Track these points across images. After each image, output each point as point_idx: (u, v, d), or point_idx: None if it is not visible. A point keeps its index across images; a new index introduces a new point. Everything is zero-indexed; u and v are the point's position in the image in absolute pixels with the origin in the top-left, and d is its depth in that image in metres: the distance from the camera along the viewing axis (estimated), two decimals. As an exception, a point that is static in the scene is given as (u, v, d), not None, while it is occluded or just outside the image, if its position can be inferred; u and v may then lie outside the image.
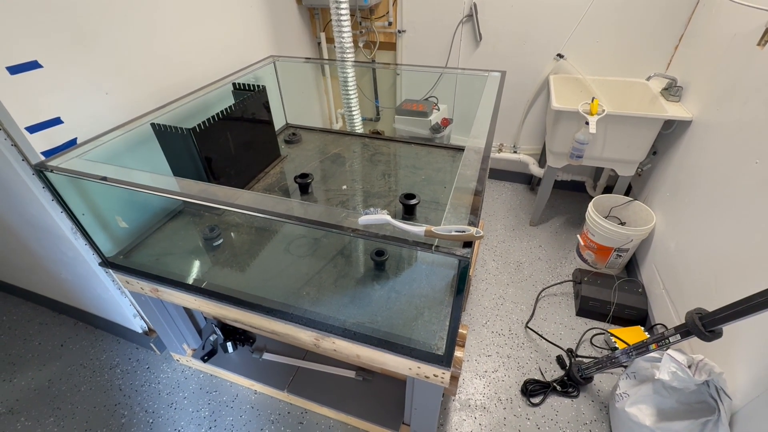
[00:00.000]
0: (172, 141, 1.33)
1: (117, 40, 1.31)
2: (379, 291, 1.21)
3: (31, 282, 1.90)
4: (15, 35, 1.04)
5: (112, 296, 1.57)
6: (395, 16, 2.45)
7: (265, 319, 1.17)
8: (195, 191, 0.98)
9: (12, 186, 1.27)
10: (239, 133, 1.52)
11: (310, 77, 2.64)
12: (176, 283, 1.24)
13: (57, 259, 1.54)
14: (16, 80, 1.06)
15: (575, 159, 2.01)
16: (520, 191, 2.86)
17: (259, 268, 1.33)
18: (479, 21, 2.30)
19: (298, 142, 1.98)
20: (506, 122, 2.65)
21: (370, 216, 0.78)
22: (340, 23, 1.97)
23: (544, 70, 2.34)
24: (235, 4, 1.84)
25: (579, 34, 2.17)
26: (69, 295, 1.79)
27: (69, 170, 1.05)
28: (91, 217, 1.27)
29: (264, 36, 2.09)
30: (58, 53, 1.15)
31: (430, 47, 2.51)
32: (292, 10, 2.34)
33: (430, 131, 2.40)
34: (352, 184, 1.67)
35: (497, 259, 2.25)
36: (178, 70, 1.57)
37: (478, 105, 1.47)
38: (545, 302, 1.98)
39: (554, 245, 2.34)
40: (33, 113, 1.11)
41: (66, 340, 1.84)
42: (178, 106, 1.50)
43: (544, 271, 2.16)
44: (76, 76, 1.21)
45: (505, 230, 2.47)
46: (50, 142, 1.17)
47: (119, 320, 1.72)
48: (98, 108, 1.29)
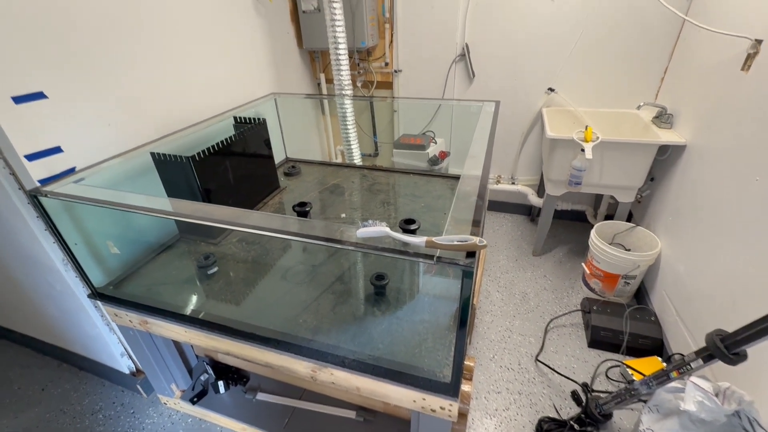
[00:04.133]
0: (171, 170, 1.34)
1: (123, 75, 1.36)
2: (379, 317, 1.15)
3: (16, 321, 1.82)
4: (24, 66, 1.07)
5: (100, 333, 1.49)
6: (391, 57, 2.57)
7: (259, 350, 1.10)
8: (190, 210, 0.96)
9: (5, 215, 1.25)
10: (239, 164, 1.54)
11: (310, 114, 2.73)
12: (167, 313, 1.19)
13: (45, 293, 1.48)
14: (20, 109, 1.08)
15: (574, 186, 2.02)
16: (521, 222, 2.84)
17: (254, 297, 1.28)
18: (471, 60, 2.41)
19: (298, 174, 2.00)
20: (503, 154, 2.69)
21: (368, 228, 0.75)
22: (339, 64, 2.06)
23: (536, 103, 2.42)
24: (239, 45, 1.94)
25: (567, 69, 2.26)
26: (54, 334, 1.70)
27: (63, 194, 1.04)
28: (84, 247, 1.24)
29: (266, 76, 2.18)
30: (65, 85, 1.18)
31: (425, 85, 2.61)
32: (293, 53, 2.46)
33: (428, 164, 2.43)
34: (351, 212, 1.65)
35: (502, 291, 2.18)
36: (181, 105, 1.61)
37: (474, 135, 1.49)
38: (554, 334, 1.89)
39: (559, 275, 2.28)
40: (33, 142, 1.12)
41: (48, 383, 1.73)
42: (179, 138, 1.52)
43: (551, 301, 2.09)
44: (79, 107, 1.23)
45: (507, 261, 2.42)
46: (48, 170, 1.16)
47: (105, 360, 1.63)
48: (99, 139, 1.31)
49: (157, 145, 1.42)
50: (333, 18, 1.92)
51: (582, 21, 2.11)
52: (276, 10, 2.20)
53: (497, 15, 2.25)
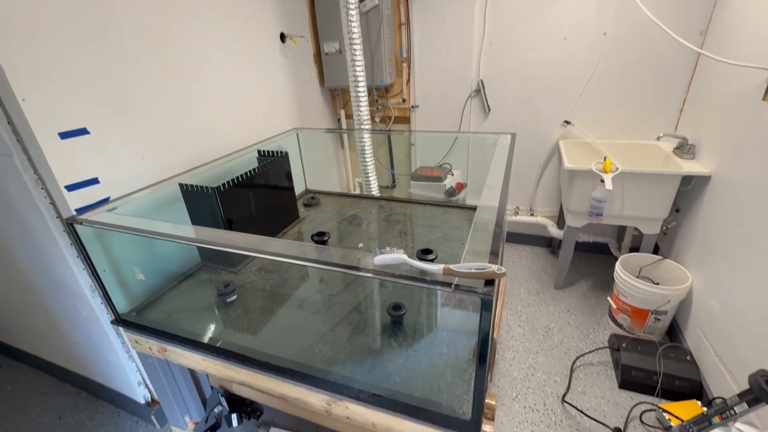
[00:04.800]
0: (197, 200, 1.39)
1: (156, 112, 1.46)
2: (396, 349, 1.12)
3: (41, 347, 1.87)
4: (71, 105, 1.17)
5: (119, 360, 1.51)
6: (408, 94, 2.67)
7: (274, 381, 1.09)
8: (214, 237, 0.99)
9: (43, 243, 1.32)
10: (261, 195, 1.59)
11: (330, 147, 2.82)
12: (185, 340, 1.19)
13: (71, 319, 1.52)
14: (64, 144, 1.17)
15: (595, 217, 1.98)
16: (541, 254, 2.78)
17: (271, 326, 1.28)
18: (486, 94, 2.48)
19: (317, 205, 2.04)
20: (520, 186, 2.69)
21: (386, 255, 0.76)
22: (358, 100, 2.16)
23: (553, 135, 2.44)
24: (266, 84, 2.06)
25: (583, 102, 2.29)
26: (76, 361, 1.73)
27: (97, 222, 1.09)
28: (111, 274, 1.28)
29: (290, 112, 2.29)
30: (105, 122, 1.27)
31: (441, 119, 2.68)
32: (315, 91, 2.59)
33: (445, 195, 2.44)
34: (368, 242, 1.66)
35: (523, 325, 2.10)
36: (209, 139, 1.71)
37: (490, 167, 1.50)
38: (581, 372, 1.79)
39: (584, 309, 2.18)
40: (73, 174, 1.20)
41: (65, 411, 1.73)
42: (206, 170, 1.60)
43: (576, 337, 1.99)
44: (117, 142, 1.32)
45: (528, 294, 2.35)
46: (85, 200, 1.24)
47: (123, 389, 1.63)
48: (134, 171, 1.39)
49: (185, 177, 1.49)
50: (353, 59, 2.03)
51: (595, 57, 2.16)
52: (300, 52, 2.35)
53: (511, 53, 2.33)
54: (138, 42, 1.35)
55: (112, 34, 1.26)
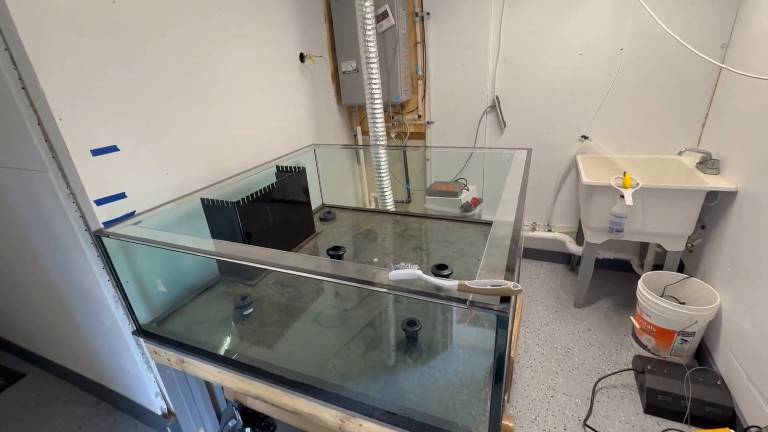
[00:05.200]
0: (218, 214, 1.44)
1: (181, 129, 1.52)
2: (410, 365, 1.11)
3: (65, 356, 1.92)
4: (102, 124, 1.24)
5: (139, 371, 1.54)
6: (424, 110, 2.71)
7: (288, 396, 1.09)
8: (233, 251, 1.02)
9: (72, 255, 1.38)
10: (278, 210, 1.62)
11: (346, 163, 2.86)
12: (202, 352, 1.21)
13: (95, 329, 1.57)
14: (95, 161, 1.23)
15: (615, 233, 1.93)
16: (560, 271, 2.71)
17: (286, 339, 1.28)
18: (502, 110, 2.49)
19: (333, 219, 2.07)
20: (537, 201, 2.66)
21: (400, 271, 0.76)
22: (374, 117, 2.20)
23: (570, 150, 2.42)
24: (285, 102, 2.13)
25: (601, 117, 2.27)
26: (98, 371, 1.77)
27: (123, 235, 1.14)
28: (134, 285, 1.32)
29: (307, 129, 2.35)
30: (134, 140, 1.34)
31: (456, 135, 2.70)
32: (332, 108, 2.65)
33: (461, 210, 2.44)
34: (383, 257, 1.67)
35: (542, 344, 2.04)
36: (229, 155, 1.76)
37: (506, 182, 1.50)
38: (604, 395, 1.72)
39: (605, 329, 2.11)
40: (103, 189, 1.26)
41: (85, 421, 1.77)
42: (227, 185, 1.64)
43: (598, 358, 1.92)
44: (144, 158, 1.38)
45: (547, 312, 2.29)
46: (112, 213, 1.29)
47: (141, 399, 1.66)
48: (158, 186, 1.44)
49: (207, 192, 1.54)
50: (370, 77, 2.08)
51: (612, 72, 2.15)
52: (319, 71, 2.43)
53: (526, 69, 2.35)
54: (165, 64, 1.42)
55: (141, 59, 1.34)
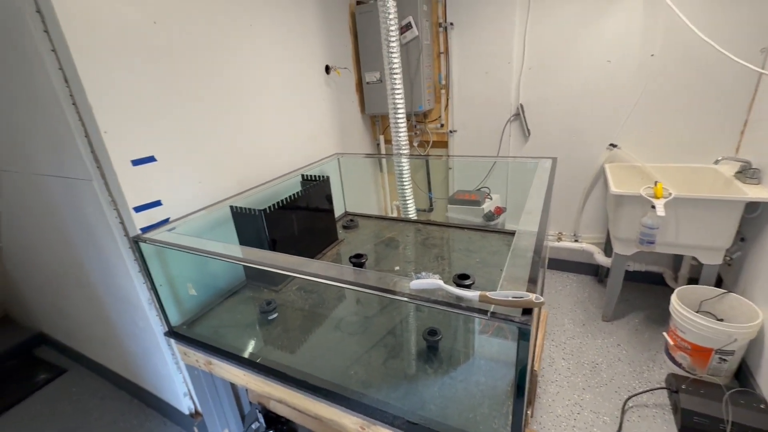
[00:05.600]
0: (245, 221, 1.49)
1: (213, 140, 1.59)
2: (431, 375, 1.11)
3: (103, 354, 2.03)
4: (142, 136, 1.32)
5: (169, 372, 1.60)
6: (447, 119, 2.72)
7: (309, 400, 1.11)
8: (259, 257, 1.06)
9: (110, 258, 1.47)
10: (303, 217, 1.67)
11: (369, 171, 2.90)
12: (229, 355, 1.26)
13: (129, 330, 1.65)
14: (135, 170, 1.31)
15: (646, 245, 1.86)
16: (587, 283, 2.63)
17: (309, 345, 1.31)
18: (526, 119, 2.46)
19: (355, 227, 2.10)
20: (563, 211, 2.60)
21: (422, 281, 0.77)
22: (397, 126, 2.23)
23: (598, 159, 2.36)
24: (310, 113, 2.19)
25: (631, 125, 2.21)
26: (131, 369, 1.86)
27: (158, 240, 1.21)
28: (167, 288, 1.39)
29: (331, 139, 2.41)
30: (169, 150, 1.41)
31: (480, 144, 2.69)
32: (356, 118, 2.71)
33: (484, 219, 2.41)
34: (405, 265, 1.68)
35: (568, 359, 1.98)
36: (257, 165, 1.83)
37: (530, 191, 1.48)
38: (635, 414, 1.64)
39: (636, 344, 2.03)
40: (141, 196, 1.34)
41: (119, 416, 1.85)
42: (254, 193, 1.71)
43: (628, 374, 1.85)
44: (178, 168, 1.46)
45: (573, 325, 2.22)
46: (149, 220, 1.37)
47: (170, 399, 1.73)
48: (191, 194, 1.52)
49: (235, 200, 1.60)
50: (393, 87, 2.12)
51: (642, 79, 2.09)
52: (343, 82, 2.49)
53: (552, 77, 2.32)
54: (198, 79, 1.50)
55: (176, 75, 1.42)
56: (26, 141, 1.48)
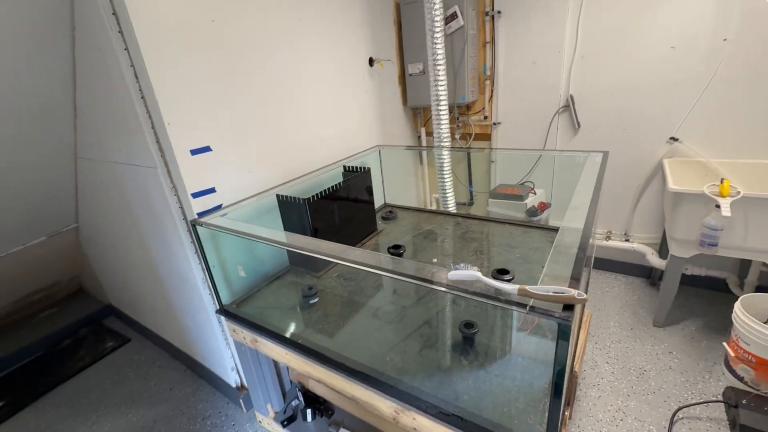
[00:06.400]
0: (290, 209, 1.57)
1: (262, 132, 1.67)
2: (466, 367, 1.11)
3: (161, 327, 2.23)
4: (200, 127, 1.42)
5: (218, 346, 1.73)
6: (491, 111, 2.65)
7: (347, 382, 1.16)
8: (304, 243, 1.11)
9: (170, 240, 1.60)
10: (344, 207, 1.72)
11: (409, 164, 2.91)
12: (272, 334, 1.34)
13: (185, 306, 1.80)
14: (194, 159, 1.41)
15: (708, 247, 1.72)
16: (638, 285, 2.48)
17: (347, 330, 1.36)
18: (576, 110, 2.34)
19: (394, 218, 2.12)
20: (614, 208, 2.45)
21: (460, 271, 0.78)
22: (439, 118, 2.21)
23: (655, 154, 2.20)
24: (353, 106, 2.23)
25: (695, 117, 2.03)
26: (186, 342, 2.03)
27: (213, 224, 1.30)
28: (219, 270, 1.50)
29: (373, 131, 2.44)
30: (223, 141, 1.51)
31: (525, 136, 2.60)
32: (398, 110, 2.71)
33: (526, 215, 2.34)
34: (443, 258, 1.68)
35: (612, 363, 1.89)
36: (302, 156, 1.90)
37: (577, 187, 1.42)
38: (684, 426, 1.55)
39: (691, 353, 1.89)
40: (198, 184, 1.44)
41: (175, 384, 2.03)
42: (299, 183, 1.78)
43: (680, 384, 1.73)
44: (232, 158, 1.55)
45: (620, 329, 2.11)
46: (204, 206, 1.47)
47: (219, 372, 1.86)
48: (241, 182, 1.61)
49: (281, 189, 1.68)
50: (436, 79, 2.10)
51: (712, 67, 1.91)
52: (386, 74, 2.50)
53: (606, 66, 2.18)
54: (249, 73, 1.58)
55: (230, 70, 1.50)
56: (103, 132, 1.65)
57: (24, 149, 1.76)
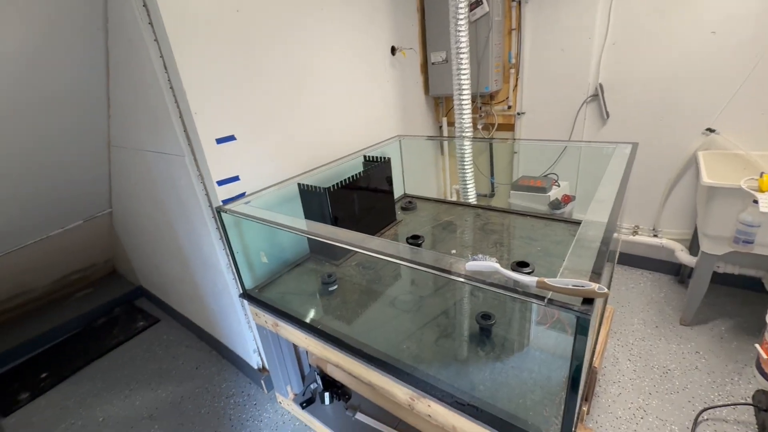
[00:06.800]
0: (311, 198, 1.59)
1: (284, 122, 1.69)
2: (482, 358, 1.12)
3: (188, 309, 2.33)
4: (225, 117, 1.45)
5: (241, 329, 1.80)
6: (515, 100, 2.58)
7: (364, 367, 1.19)
8: (324, 231, 1.13)
9: (196, 226, 1.66)
10: (363, 197, 1.73)
11: (429, 154, 2.89)
12: (293, 319, 1.38)
13: (210, 289, 1.87)
14: (219, 148, 1.45)
15: (743, 244, 1.64)
16: (665, 282, 2.39)
17: (365, 317, 1.39)
18: (605, 100, 2.25)
19: (414, 209, 2.12)
20: (642, 202, 2.36)
21: (478, 262, 0.78)
22: (461, 108, 2.18)
23: (689, 146, 2.09)
24: (374, 95, 2.22)
25: (735, 107, 1.92)
26: (211, 324, 2.12)
27: (237, 212, 1.34)
28: (242, 255, 1.54)
29: (394, 120, 2.43)
30: (247, 131, 1.54)
31: (550, 127, 2.52)
32: (419, 99, 2.69)
33: (549, 207, 2.29)
34: (461, 249, 1.67)
35: (635, 360, 1.85)
36: (323, 145, 1.91)
37: (603, 179, 1.38)
38: (709, 428, 1.50)
39: (719, 354, 1.82)
40: (223, 172, 1.49)
41: (200, 364, 2.13)
42: (319, 172, 1.80)
43: (706, 385, 1.68)
44: (255, 147, 1.59)
45: (644, 326, 2.06)
46: (229, 193, 1.52)
47: (242, 353, 1.94)
48: (264, 171, 1.65)
49: (302, 178, 1.71)
50: (459, 67, 2.06)
51: (755, 53, 1.79)
52: (408, 63, 2.47)
53: (639, 53, 2.08)
54: (273, 63, 1.60)
55: (254, 61, 1.52)
56: (134, 121, 1.72)
57: (61, 138, 1.86)
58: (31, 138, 1.76)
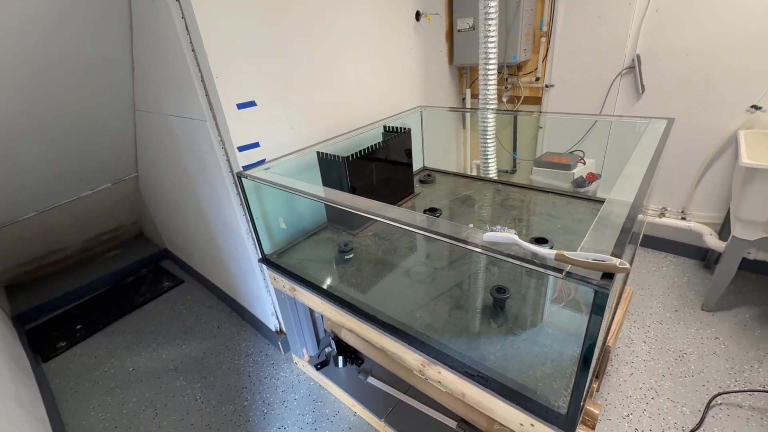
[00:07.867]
0: (329, 167, 1.59)
1: (304, 89, 1.67)
2: (495, 329, 1.13)
3: (211, 272, 2.42)
4: (246, 82, 1.44)
5: (260, 293, 1.86)
6: (543, 72, 2.46)
7: (377, 333, 1.22)
8: (342, 199, 1.14)
9: (218, 191, 1.70)
10: (382, 168, 1.72)
11: (451, 127, 2.82)
12: (309, 284, 1.42)
13: (231, 253, 1.93)
14: (240, 113, 1.45)
15: (778, 230, 1.56)
16: (689, 267, 2.32)
17: (379, 286, 1.41)
18: (642, 72, 2.12)
19: (432, 182, 2.10)
20: (672, 183, 2.26)
21: (496, 233, 0.77)
22: (486, 79, 2.09)
23: (730, 124, 1.97)
24: (397, 63, 2.15)
25: (786, 83, 1.78)
26: (232, 287, 2.20)
27: (257, 177, 1.36)
28: (262, 221, 1.58)
29: (416, 90, 2.36)
30: (267, 97, 1.53)
31: (579, 101, 2.41)
32: (443, 69, 2.60)
33: (573, 185, 2.22)
34: (479, 224, 1.66)
35: (650, 343, 1.83)
36: (343, 114, 1.89)
37: (631, 156, 1.32)
38: (722, 412, 1.49)
39: (741, 341, 1.78)
40: (244, 137, 1.49)
41: (222, 324, 2.24)
42: (339, 141, 1.79)
43: (723, 371, 1.65)
44: (274, 114, 1.58)
45: (663, 309, 2.02)
46: (249, 159, 1.53)
47: (260, 316, 2.02)
48: (283, 138, 1.65)
49: (322, 146, 1.70)
50: (487, 35, 1.96)
51: (818, 21, 1.63)
52: (433, 30, 2.37)
53: (683, 22, 1.93)
54: (295, 29, 1.56)
55: (275, 25, 1.49)
56: (158, 85, 1.73)
57: (89, 102, 1.90)
58: (61, 103, 1.81)
